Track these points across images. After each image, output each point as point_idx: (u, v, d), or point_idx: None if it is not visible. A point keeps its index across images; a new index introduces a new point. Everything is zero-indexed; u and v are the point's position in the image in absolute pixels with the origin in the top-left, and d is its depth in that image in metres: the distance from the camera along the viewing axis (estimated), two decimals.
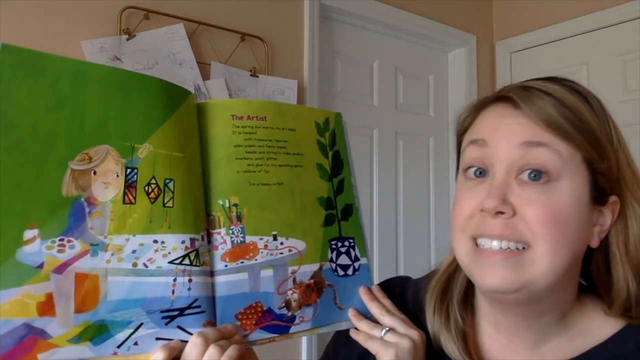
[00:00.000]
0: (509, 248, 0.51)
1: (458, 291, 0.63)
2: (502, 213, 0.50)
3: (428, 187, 2.38)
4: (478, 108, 0.58)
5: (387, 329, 0.61)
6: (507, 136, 0.52)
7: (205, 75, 1.61)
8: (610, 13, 2.16)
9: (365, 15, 2.09)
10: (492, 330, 0.62)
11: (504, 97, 0.55)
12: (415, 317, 0.66)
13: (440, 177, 2.41)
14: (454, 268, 0.64)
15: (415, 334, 0.61)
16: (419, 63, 2.39)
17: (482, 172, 0.54)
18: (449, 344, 0.60)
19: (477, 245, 0.53)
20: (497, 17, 2.59)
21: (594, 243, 0.54)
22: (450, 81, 2.49)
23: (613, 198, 0.54)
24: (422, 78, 2.41)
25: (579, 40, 2.29)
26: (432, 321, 0.62)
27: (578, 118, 0.52)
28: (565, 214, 0.50)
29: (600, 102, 0.55)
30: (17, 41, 1.38)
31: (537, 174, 0.50)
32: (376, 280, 0.71)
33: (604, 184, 0.53)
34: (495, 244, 0.51)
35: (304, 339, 1.80)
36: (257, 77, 1.73)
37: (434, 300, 0.63)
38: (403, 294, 0.71)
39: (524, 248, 0.51)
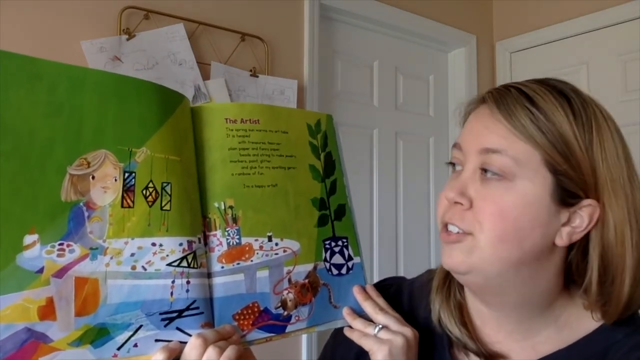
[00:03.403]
0: (458, 231, 0.57)
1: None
2: (459, 204, 0.57)
3: (428, 187, 2.39)
4: (468, 113, 0.62)
5: (380, 326, 0.63)
6: (473, 141, 0.58)
7: (205, 75, 1.61)
8: (610, 13, 2.16)
9: (365, 15, 2.09)
10: (479, 323, 0.64)
11: (485, 98, 0.60)
12: (410, 316, 0.67)
13: (440, 177, 2.41)
14: None
15: (408, 331, 0.62)
16: (419, 63, 2.39)
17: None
18: (447, 317, 0.64)
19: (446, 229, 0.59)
20: (497, 17, 2.59)
21: (561, 242, 0.55)
22: (450, 81, 2.49)
23: (587, 201, 0.54)
24: (422, 78, 2.41)
25: (579, 40, 2.29)
26: (434, 298, 0.66)
27: (545, 119, 0.54)
28: (515, 211, 0.54)
29: (588, 104, 0.55)
30: (17, 41, 1.39)
31: (493, 174, 0.56)
32: (374, 279, 0.71)
33: (571, 187, 0.54)
34: (450, 227, 0.58)
35: (304, 340, 1.81)
36: (257, 77, 1.73)
37: (438, 280, 0.67)
38: (398, 294, 0.73)
39: (469, 234, 0.56)
